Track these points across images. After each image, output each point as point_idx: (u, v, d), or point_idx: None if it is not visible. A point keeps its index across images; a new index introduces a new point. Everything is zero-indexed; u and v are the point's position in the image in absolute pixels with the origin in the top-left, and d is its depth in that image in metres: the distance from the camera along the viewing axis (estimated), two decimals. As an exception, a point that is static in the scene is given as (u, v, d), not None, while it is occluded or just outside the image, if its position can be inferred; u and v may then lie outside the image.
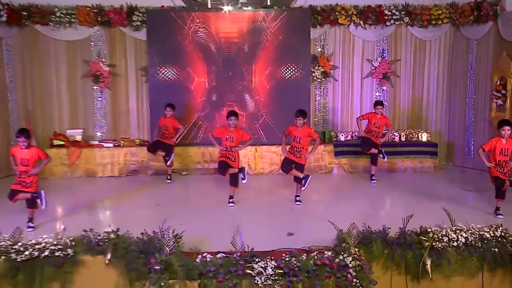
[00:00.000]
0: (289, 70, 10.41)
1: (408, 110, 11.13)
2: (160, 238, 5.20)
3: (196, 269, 4.81)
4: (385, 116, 9.32)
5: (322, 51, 10.83)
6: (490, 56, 9.95)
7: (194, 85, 10.39)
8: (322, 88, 10.99)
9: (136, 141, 10.37)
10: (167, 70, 10.30)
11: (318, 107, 11.03)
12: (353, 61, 10.98)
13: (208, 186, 9.11)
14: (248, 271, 4.78)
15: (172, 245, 4.97)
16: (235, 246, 5.04)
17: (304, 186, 7.75)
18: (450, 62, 10.95)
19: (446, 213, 5.86)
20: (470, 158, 10.52)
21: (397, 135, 10.42)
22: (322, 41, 10.85)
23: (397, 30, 10.79)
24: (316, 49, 10.82)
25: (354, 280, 4.79)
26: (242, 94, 10.45)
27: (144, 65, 10.64)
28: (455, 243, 5.38)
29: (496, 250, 5.35)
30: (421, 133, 10.49)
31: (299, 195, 7.92)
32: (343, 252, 5.07)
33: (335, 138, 10.52)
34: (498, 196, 7.16)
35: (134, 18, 10.33)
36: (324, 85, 10.98)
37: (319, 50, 10.83)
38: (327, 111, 11.06)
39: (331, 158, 10.18)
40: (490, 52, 9.98)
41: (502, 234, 5.53)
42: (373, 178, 9.35)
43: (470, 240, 5.41)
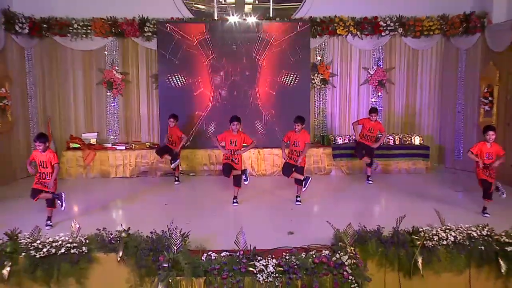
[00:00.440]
0: (290, 77, 10.40)
1: (402, 115, 11.09)
2: (168, 237, 5.21)
3: (201, 266, 4.84)
4: (378, 122, 9.30)
5: (322, 60, 10.80)
6: (478, 65, 9.95)
7: (201, 91, 10.39)
8: (321, 94, 10.97)
9: (146, 144, 10.37)
10: (176, 78, 10.31)
11: (318, 112, 11.00)
12: (350, 69, 10.94)
13: (213, 186, 9.09)
14: (250, 269, 4.81)
15: (179, 243, 4.98)
16: (238, 245, 5.04)
17: (304, 187, 7.75)
18: (441, 70, 10.92)
19: (436, 213, 5.87)
20: (460, 160, 10.49)
21: (391, 139, 10.40)
22: (322, 50, 10.83)
23: (391, 40, 10.75)
24: (315, 57, 10.80)
25: (350, 277, 4.83)
26: (246, 99, 10.43)
27: (154, 72, 10.65)
28: (445, 242, 5.41)
29: (482, 248, 5.38)
30: (414, 136, 10.46)
31: (300, 196, 7.91)
32: (340, 251, 5.10)
33: (333, 142, 10.48)
34: (485, 197, 7.15)
35: (146, 29, 10.35)
36: (323, 91, 10.95)
37: (319, 58, 10.81)
38: (326, 116, 11.02)
39: (330, 160, 10.16)
40: (478, 61, 9.97)
41: (488, 233, 5.55)
42: (369, 179, 9.33)
43: (458, 239, 5.44)
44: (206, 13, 11.08)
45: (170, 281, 4.75)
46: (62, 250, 5.15)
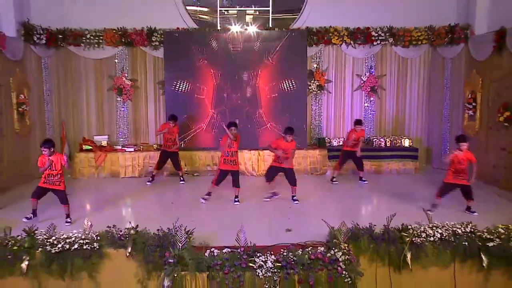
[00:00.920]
0: (288, 83, 10.41)
1: (392, 119, 11.09)
2: (173, 234, 5.20)
3: (205, 262, 4.84)
4: (362, 129, 9.28)
5: (318, 67, 10.80)
6: (462, 73, 9.96)
7: (205, 97, 10.39)
8: (318, 99, 10.95)
9: (153, 146, 10.36)
10: (181, 84, 10.31)
11: (314, 116, 10.98)
12: (344, 75, 10.94)
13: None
14: (250, 264, 4.81)
15: (184, 240, 4.98)
16: (239, 242, 5.04)
17: (268, 198, 7.88)
18: (429, 78, 10.93)
19: (424, 212, 5.89)
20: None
21: (383, 141, 10.41)
22: (318, 58, 10.82)
23: (382, 49, 10.76)
24: (312, 65, 10.79)
25: (344, 272, 4.82)
26: (247, 104, 10.43)
27: (161, 79, 10.66)
28: (432, 238, 5.41)
29: (466, 244, 5.39)
30: (403, 139, 10.47)
31: (295, 195, 7.93)
32: (334, 247, 5.09)
33: (329, 144, 10.51)
34: (468, 198, 7.17)
35: (153, 39, 10.36)
36: (319, 96, 10.94)
37: (315, 66, 10.81)
38: (322, 120, 11.00)
39: (325, 161, 10.16)
40: (462, 69, 9.99)
41: (472, 230, 5.56)
42: (363, 179, 9.32)
43: (444, 235, 5.45)
44: (209, 23, 11.09)
45: (176, 275, 4.75)
46: (75, 246, 5.15)
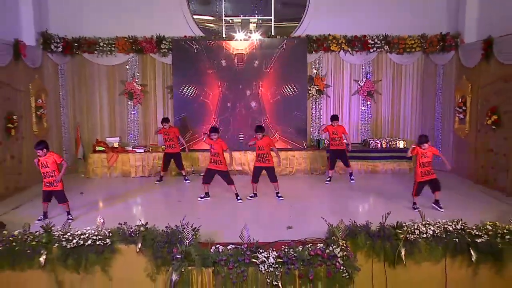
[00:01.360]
0: (289, 88, 10.40)
1: (388, 121, 11.05)
2: (181, 231, 5.20)
3: (210, 258, 4.83)
4: (340, 125, 9.24)
5: (317, 73, 10.78)
6: (453, 78, 9.95)
7: (210, 101, 10.40)
8: (317, 103, 10.93)
9: (162, 147, 10.29)
10: (188, 89, 10.33)
11: (314, 119, 10.97)
12: (342, 81, 10.92)
13: (221, 185, 8.87)
14: (253, 260, 4.80)
15: (191, 237, 4.98)
16: (243, 239, 5.04)
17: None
18: (422, 83, 10.90)
19: (417, 210, 5.88)
20: (437, 162, 10.37)
21: (379, 143, 10.37)
22: (317, 64, 10.80)
23: (378, 56, 10.73)
24: (312, 71, 10.77)
25: (342, 267, 4.81)
26: (250, 108, 10.44)
27: (169, 84, 10.67)
28: (425, 235, 5.41)
29: (456, 240, 5.39)
30: (398, 141, 10.44)
31: (279, 191, 7.99)
32: (333, 244, 5.08)
33: (328, 145, 10.45)
34: (436, 190, 7.18)
35: (162, 46, 10.37)
36: (318, 100, 10.91)
37: (315, 71, 10.78)
38: (321, 122, 10.95)
39: (324, 162, 10.11)
40: (453, 75, 9.98)
41: (462, 227, 5.56)
42: (351, 178, 9.29)
43: (436, 232, 5.44)
44: (215, 31, 11.09)
45: (183, 270, 4.76)
46: (89, 242, 5.18)
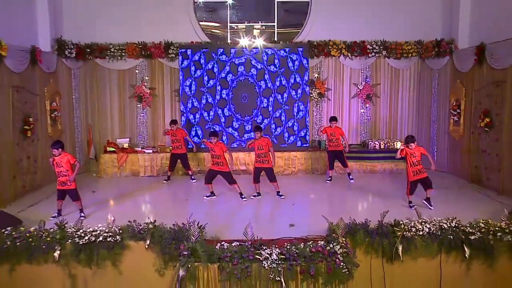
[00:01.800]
0: (292, 91, 10.39)
1: (386, 123, 11.00)
2: (187, 228, 5.21)
3: (216, 254, 4.84)
4: (338, 127, 9.19)
5: (318, 77, 10.76)
6: (448, 82, 9.91)
7: (216, 103, 10.39)
8: (318, 106, 10.90)
9: (169, 148, 10.27)
10: (194, 92, 10.34)
11: (315, 121, 10.94)
12: (342, 84, 10.88)
13: (226, 184, 8.81)
14: (257, 257, 4.80)
15: (197, 234, 4.99)
16: (247, 236, 5.03)
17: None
18: (418, 87, 10.87)
19: (414, 209, 5.87)
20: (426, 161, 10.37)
21: (377, 143, 10.31)
22: (318, 68, 10.77)
23: (377, 60, 10.70)
24: (313, 75, 10.75)
25: (342, 264, 4.81)
26: (255, 110, 10.42)
27: (177, 88, 10.67)
28: (421, 232, 5.39)
29: (451, 237, 5.38)
30: (396, 142, 10.35)
31: (279, 190, 7.94)
32: (333, 241, 5.07)
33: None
34: (428, 187, 7.16)
35: (170, 51, 10.38)
36: (320, 103, 10.88)
37: (316, 75, 10.76)
38: (322, 124, 10.90)
39: (325, 162, 10.04)
40: (448, 79, 9.94)
41: (456, 224, 5.54)
42: (350, 177, 9.26)
43: (432, 230, 5.43)
44: (220, 37, 11.09)
45: (189, 266, 4.76)
46: (100, 238, 5.20)
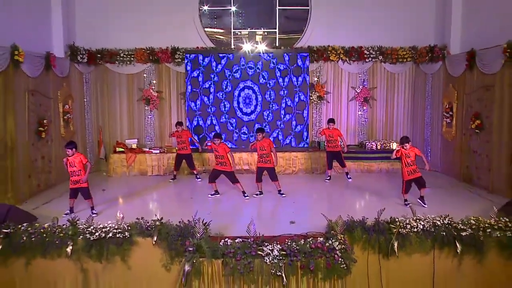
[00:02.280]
0: (293, 94, 10.39)
1: (382, 125, 10.98)
2: (193, 225, 5.21)
3: (220, 250, 4.84)
4: (335, 128, 9.14)
5: (318, 80, 10.75)
6: (441, 86, 9.91)
7: (220, 106, 10.40)
8: (318, 108, 10.88)
9: (176, 148, 10.29)
10: (200, 95, 10.34)
11: (315, 123, 10.93)
12: (341, 88, 10.87)
13: (230, 183, 8.79)
14: (259, 253, 4.80)
15: (202, 231, 4.99)
16: (249, 233, 5.03)
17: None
18: (413, 90, 10.86)
19: (409, 207, 5.84)
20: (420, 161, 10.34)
21: (374, 144, 10.30)
22: (318, 72, 10.76)
23: (374, 65, 10.69)
24: (313, 78, 10.75)
25: (340, 259, 4.80)
26: (258, 113, 10.45)
27: (183, 91, 10.69)
28: (415, 229, 5.39)
29: (444, 233, 5.37)
30: (392, 143, 10.33)
31: (281, 189, 7.92)
32: (332, 237, 5.06)
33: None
34: (422, 186, 7.14)
35: (176, 56, 10.40)
36: (319, 106, 10.87)
37: (316, 79, 10.75)
38: (321, 126, 10.89)
39: (324, 162, 10.03)
40: (441, 83, 9.93)
41: (449, 221, 5.53)
42: (348, 176, 9.24)
43: (426, 227, 5.42)
44: (225, 42, 11.10)
45: (195, 261, 4.77)
46: (110, 235, 5.21)
